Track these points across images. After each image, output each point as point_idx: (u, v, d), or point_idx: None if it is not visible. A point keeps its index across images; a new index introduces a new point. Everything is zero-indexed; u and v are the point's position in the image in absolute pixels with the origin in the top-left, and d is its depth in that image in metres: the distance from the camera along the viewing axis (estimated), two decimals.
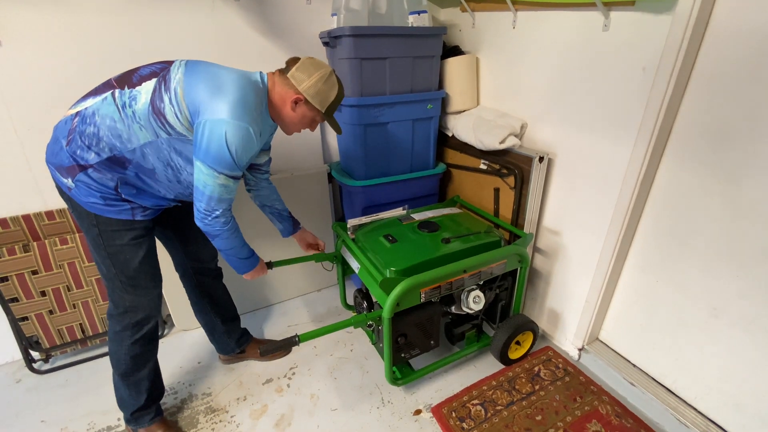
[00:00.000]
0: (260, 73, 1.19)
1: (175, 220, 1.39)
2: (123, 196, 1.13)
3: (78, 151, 1.06)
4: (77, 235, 1.63)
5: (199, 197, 1.13)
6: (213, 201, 1.13)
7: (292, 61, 1.20)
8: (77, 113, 1.07)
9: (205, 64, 1.13)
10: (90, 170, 1.07)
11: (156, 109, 1.06)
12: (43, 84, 1.49)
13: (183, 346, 1.86)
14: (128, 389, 1.34)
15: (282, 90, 1.18)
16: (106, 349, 1.83)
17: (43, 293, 1.63)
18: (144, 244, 1.22)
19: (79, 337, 1.75)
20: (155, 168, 1.14)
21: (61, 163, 1.08)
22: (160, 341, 1.86)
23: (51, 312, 1.66)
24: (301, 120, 1.24)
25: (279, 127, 1.30)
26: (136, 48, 1.57)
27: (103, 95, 1.07)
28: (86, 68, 1.52)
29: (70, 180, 1.09)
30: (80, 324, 1.73)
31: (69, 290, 1.66)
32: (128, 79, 1.09)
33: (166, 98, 1.06)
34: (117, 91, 1.07)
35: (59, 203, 1.65)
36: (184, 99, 1.05)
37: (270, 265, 1.51)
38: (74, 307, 1.70)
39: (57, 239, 1.60)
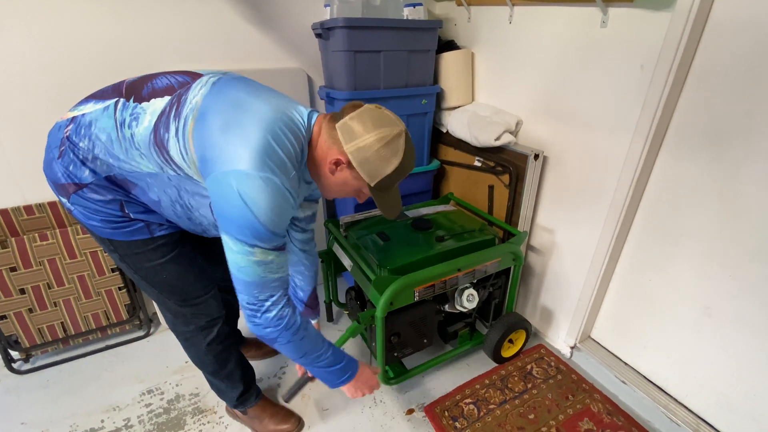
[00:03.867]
0: (310, 110, 0.91)
1: (196, 235, 1.15)
2: (131, 216, 0.93)
3: (71, 167, 0.86)
4: (58, 230, 1.57)
5: (239, 288, 0.85)
6: (256, 288, 0.84)
7: (351, 108, 0.88)
8: (72, 119, 0.86)
9: (240, 86, 0.85)
10: (85, 190, 0.87)
11: (158, 140, 0.82)
12: (22, 73, 1.42)
13: (169, 344, 1.81)
14: (223, 382, 1.30)
15: (325, 143, 0.88)
16: (88, 349, 1.78)
17: (23, 291, 1.56)
18: (177, 257, 1.02)
19: (60, 336, 1.69)
20: (161, 200, 0.93)
21: (55, 178, 0.88)
22: (146, 340, 1.84)
23: (31, 310, 1.60)
24: (342, 187, 0.94)
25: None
26: (119, 37, 1.50)
27: (106, 103, 0.85)
28: (67, 57, 1.45)
29: (66, 200, 0.90)
30: (62, 323, 1.67)
31: (50, 288, 1.60)
32: (139, 89, 0.86)
33: (173, 128, 0.81)
34: (121, 102, 0.84)
35: (38, 198, 1.59)
36: (192, 134, 0.79)
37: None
38: (55, 306, 1.64)
39: (36, 235, 1.53)
